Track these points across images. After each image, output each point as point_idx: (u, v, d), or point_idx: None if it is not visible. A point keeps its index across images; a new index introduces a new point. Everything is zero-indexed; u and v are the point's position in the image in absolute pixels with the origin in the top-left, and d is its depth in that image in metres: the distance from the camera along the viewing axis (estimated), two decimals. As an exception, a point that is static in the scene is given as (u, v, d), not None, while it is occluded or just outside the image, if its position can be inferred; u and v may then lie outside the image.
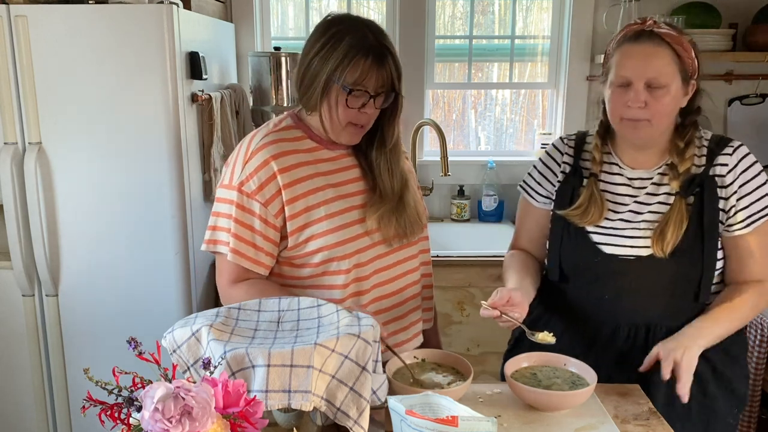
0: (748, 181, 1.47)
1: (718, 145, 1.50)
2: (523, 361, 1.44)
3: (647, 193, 1.51)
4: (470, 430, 0.98)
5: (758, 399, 2.23)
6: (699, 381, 1.48)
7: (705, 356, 1.45)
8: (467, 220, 3.14)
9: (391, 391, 1.26)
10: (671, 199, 1.48)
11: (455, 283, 2.62)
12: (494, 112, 3.33)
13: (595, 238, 1.52)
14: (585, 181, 1.56)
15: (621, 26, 2.79)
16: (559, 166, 1.62)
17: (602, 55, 1.56)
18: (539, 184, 1.65)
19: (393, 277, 1.58)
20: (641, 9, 2.83)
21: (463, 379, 1.35)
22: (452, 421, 0.99)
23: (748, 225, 1.47)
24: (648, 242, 1.47)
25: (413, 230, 1.57)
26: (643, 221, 1.49)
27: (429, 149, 3.24)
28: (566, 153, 1.62)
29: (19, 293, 2.24)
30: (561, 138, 1.67)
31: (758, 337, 2.17)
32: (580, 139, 1.63)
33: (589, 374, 1.37)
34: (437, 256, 2.47)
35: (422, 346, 1.68)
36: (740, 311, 1.47)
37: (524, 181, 1.69)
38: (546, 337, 1.42)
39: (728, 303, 1.47)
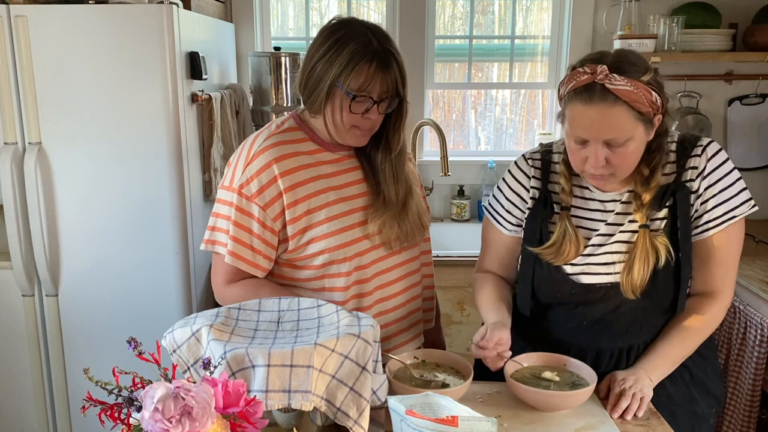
0: (713, 184, 1.39)
1: (687, 147, 1.42)
2: (523, 361, 1.44)
3: (617, 213, 1.44)
4: (470, 430, 0.98)
5: (758, 399, 2.23)
6: (680, 385, 1.48)
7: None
8: (467, 220, 3.14)
9: (391, 391, 1.26)
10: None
11: (455, 283, 2.62)
12: (494, 112, 3.33)
13: (569, 269, 1.45)
14: (556, 207, 1.47)
15: (621, 26, 2.81)
16: (528, 191, 1.52)
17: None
18: (508, 212, 1.55)
19: (394, 279, 1.58)
20: (641, 9, 2.83)
21: (463, 379, 1.35)
22: (452, 421, 0.99)
23: (707, 230, 1.41)
24: (621, 267, 1.42)
25: (414, 236, 1.57)
26: (615, 242, 1.42)
27: (429, 149, 3.24)
28: (533, 176, 1.52)
29: (19, 293, 2.24)
30: (524, 157, 1.55)
31: (758, 337, 2.16)
32: (546, 160, 1.52)
33: (589, 374, 1.37)
34: (437, 256, 2.46)
35: (426, 346, 1.68)
36: (695, 336, 1.44)
37: (491, 205, 1.58)
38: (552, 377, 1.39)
39: (683, 332, 1.43)
